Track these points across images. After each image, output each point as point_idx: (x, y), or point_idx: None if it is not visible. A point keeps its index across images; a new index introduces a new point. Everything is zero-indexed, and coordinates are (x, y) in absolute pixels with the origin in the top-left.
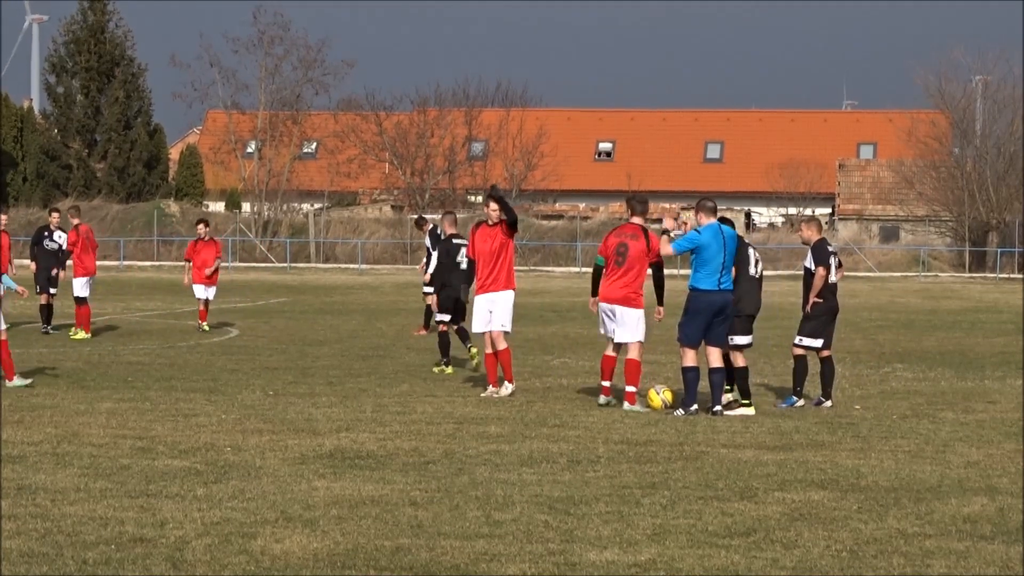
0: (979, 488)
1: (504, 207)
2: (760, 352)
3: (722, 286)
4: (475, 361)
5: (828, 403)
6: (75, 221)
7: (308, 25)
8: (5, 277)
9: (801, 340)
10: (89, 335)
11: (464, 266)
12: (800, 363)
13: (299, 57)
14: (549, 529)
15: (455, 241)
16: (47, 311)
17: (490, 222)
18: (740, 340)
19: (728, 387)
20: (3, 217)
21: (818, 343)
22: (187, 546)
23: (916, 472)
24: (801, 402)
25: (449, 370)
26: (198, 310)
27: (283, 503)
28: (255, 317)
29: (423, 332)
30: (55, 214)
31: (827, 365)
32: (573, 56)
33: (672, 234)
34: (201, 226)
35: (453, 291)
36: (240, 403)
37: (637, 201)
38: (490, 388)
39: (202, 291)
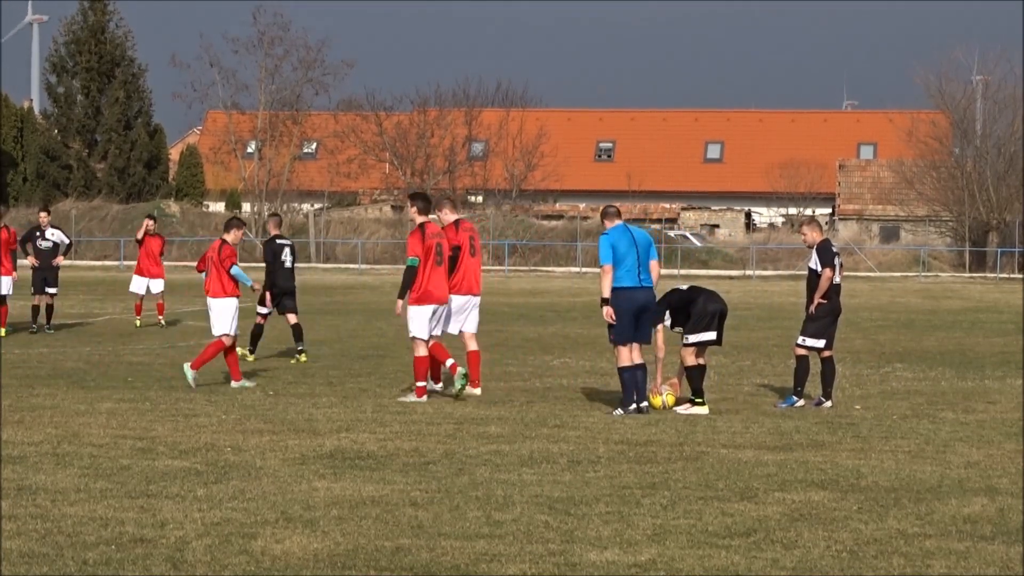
0: (979, 488)
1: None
2: (760, 352)
3: (643, 282)
4: (302, 359)
5: (828, 403)
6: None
7: (308, 25)
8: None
9: (804, 340)
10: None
11: (288, 264)
12: (802, 363)
13: (299, 57)
14: (549, 529)
15: (278, 242)
16: (47, 311)
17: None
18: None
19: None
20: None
21: (820, 343)
22: (187, 546)
23: (916, 472)
24: (801, 402)
25: (251, 358)
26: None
27: (283, 503)
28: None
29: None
30: (44, 214)
31: (828, 365)
32: (573, 56)
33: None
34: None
35: (280, 289)
36: (240, 403)
37: (422, 199)
38: (431, 384)
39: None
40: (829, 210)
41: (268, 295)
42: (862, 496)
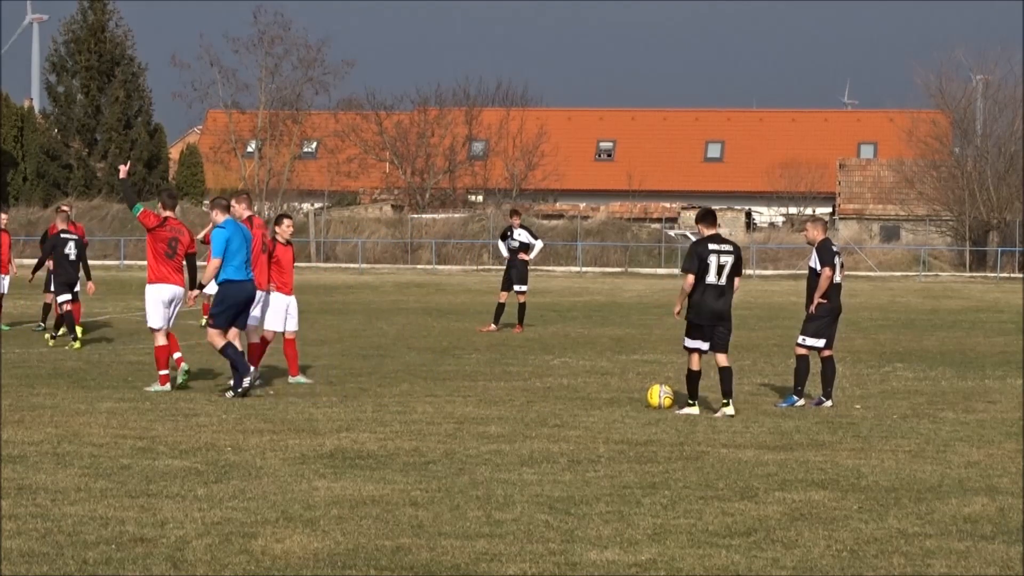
0: (979, 488)
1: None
2: (761, 352)
3: (249, 276)
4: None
5: (828, 403)
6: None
7: (308, 25)
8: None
9: (804, 340)
10: None
11: (73, 257)
12: (802, 363)
13: (299, 57)
14: (549, 529)
15: (63, 235)
16: (57, 313)
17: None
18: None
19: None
20: (3, 217)
21: (820, 343)
22: (187, 546)
23: (916, 472)
24: (801, 402)
25: (76, 345)
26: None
27: (283, 503)
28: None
29: (492, 328)
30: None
31: (828, 365)
32: (573, 56)
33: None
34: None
35: (64, 278)
36: (240, 403)
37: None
38: (252, 370)
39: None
40: (829, 210)
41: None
42: (862, 496)
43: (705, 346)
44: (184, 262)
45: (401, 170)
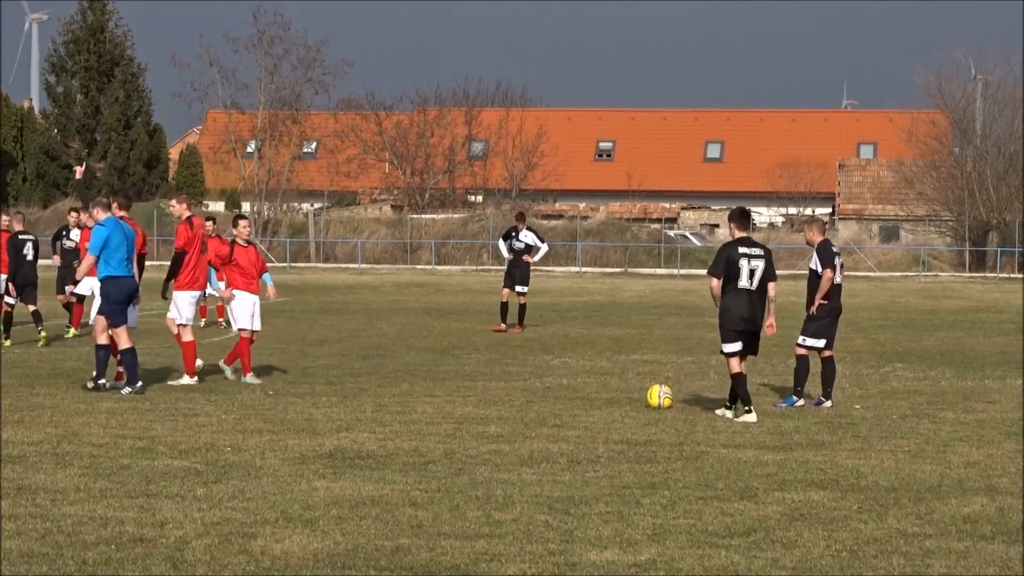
0: (979, 488)
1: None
2: (761, 352)
3: (130, 272)
4: (40, 344)
5: (828, 403)
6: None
7: (308, 25)
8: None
9: (804, 340)
10: None
11: (30, 257)
12: (802, 363)
13: (299, 57)
14: (549, 529)
15: (20, 237)
16: (68, 309)
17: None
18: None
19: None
20: (4, 217)
21: (820, 343)
22: (187, 546)
23: (916, 472)
24: (801, 402)
25: (7, 343)
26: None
27: (283, 503)
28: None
29: (501, 328)
30: (74, 213)
31: (828, 365)
32: (573, 56)
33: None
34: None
35: (23, 279)
36: (240, 403)
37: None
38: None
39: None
40: (829, 210)
41: (11, 286)
42: (862, 496)
43: (739, 346)
44: (136, 261)
45: (401, 170)
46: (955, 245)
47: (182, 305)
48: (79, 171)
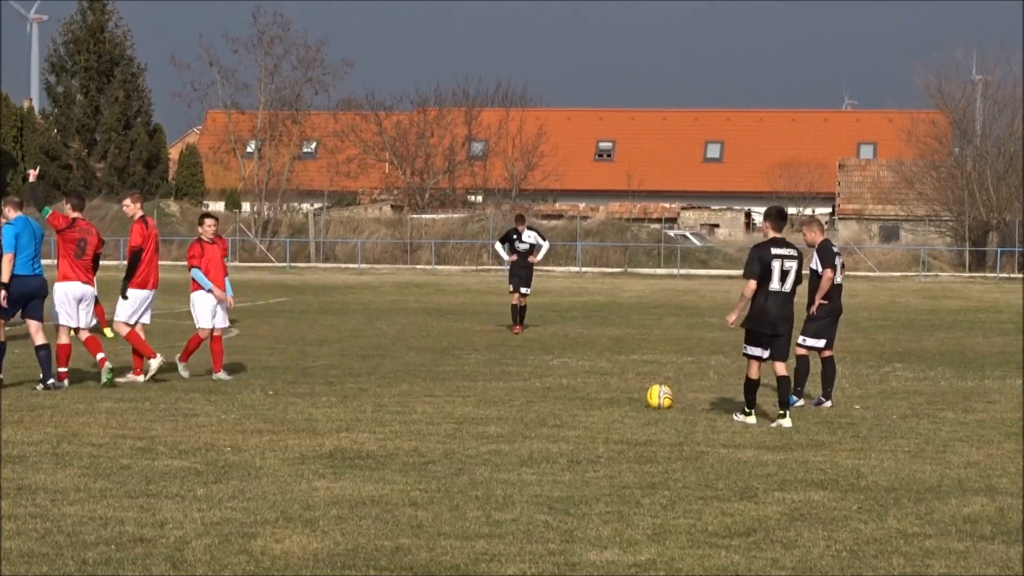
0: (979, 488)
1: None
2: None
3: (35, 271)
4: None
5: (828, 403)
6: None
7: (308, 25)
8: None
9: (804, 340)
10: None
11: None
12: (802, 363)
13: (299, 57)
14: (549, 529)
15: None
16: None
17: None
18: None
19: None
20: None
21: (821, 343)
22: (187, 546)
23: (916, 472)
24: (801, 402)
25: None
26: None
27: (283, 503)
28: (255, 317)
29: (517, 330)
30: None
31: (828, 365)
32: (573, 56)
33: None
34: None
35: None
36: (240, 403)
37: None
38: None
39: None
40: (829, 210)
41: None
42: (862, 496)
43: (765, 354)
44: (92, 262)
45: (400, 170)
46: (955, 245)
47: (129, 302)
48: (33, 174)
